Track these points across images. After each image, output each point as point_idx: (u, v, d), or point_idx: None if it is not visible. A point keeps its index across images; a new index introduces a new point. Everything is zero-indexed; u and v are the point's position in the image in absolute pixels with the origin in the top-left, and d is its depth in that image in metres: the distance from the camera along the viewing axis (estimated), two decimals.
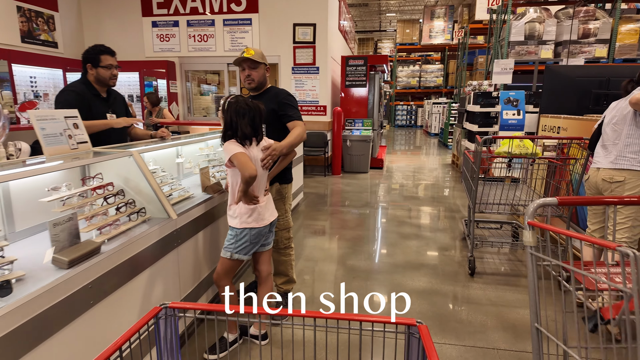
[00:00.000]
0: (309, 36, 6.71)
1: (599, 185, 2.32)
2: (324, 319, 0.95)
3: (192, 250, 2.14)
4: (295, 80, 6.94)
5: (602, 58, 7.55)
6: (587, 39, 7.75)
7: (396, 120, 17.49)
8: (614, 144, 2.29)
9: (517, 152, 2.68)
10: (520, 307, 2.53)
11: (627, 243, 2.18)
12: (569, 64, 7.24)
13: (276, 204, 2.30)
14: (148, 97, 5.32)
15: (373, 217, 4.52)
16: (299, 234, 3.95)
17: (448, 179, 6.66)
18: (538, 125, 4.07)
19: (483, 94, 6.25)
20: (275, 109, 2.24)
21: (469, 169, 3.38)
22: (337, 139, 6.94)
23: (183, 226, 2.01)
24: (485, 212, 3.04)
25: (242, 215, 1.90)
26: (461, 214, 4.61)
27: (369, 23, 23.38)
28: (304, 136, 2.19)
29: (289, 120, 2.24)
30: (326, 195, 5.56)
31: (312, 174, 7.09)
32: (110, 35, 7.27)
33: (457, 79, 13.14)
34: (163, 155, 2.57)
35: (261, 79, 2.25)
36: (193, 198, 2.30)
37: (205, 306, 1.05)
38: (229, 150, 1.79)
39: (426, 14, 15.09)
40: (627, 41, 7.76)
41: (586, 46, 7.78)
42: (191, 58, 7.34)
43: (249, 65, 2.21)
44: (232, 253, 1.92)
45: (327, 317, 0.94)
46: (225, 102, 1.85)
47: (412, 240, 3.77)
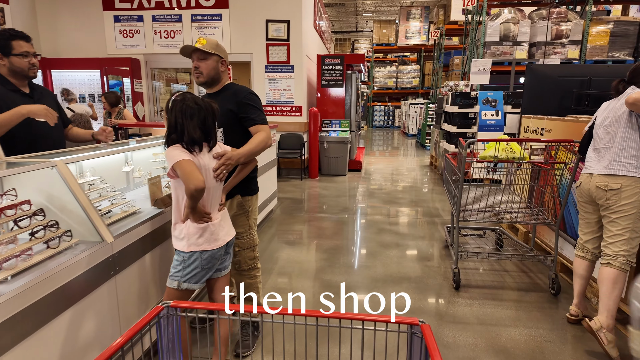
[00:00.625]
0: (283, 33, 6.41)
1: (593, 193, 2.14)
2: (326, 318, 0.95)
3: (137, 278, 1.81)
4: (269, 79, 6.62)
5: (575, 59, 7.63)
6: (559, 40, 7.83)
7: (374, 120, 17.40)
8: (607, 148, 2.11)
9: (504, 156, 2.48)
10: (510, 326, 2.32)
11: (626, 257, 2.00)
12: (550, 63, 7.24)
13: (238, 219, 1.99)
14: (106, 96, 4.88)
15: (351, 223, 4.27)
16: (272, 244, 3.65)
17: (427, 181, 6.51)
18: (520, 126, 3.93)
19: (461, 94, 6.12)
20: (234, 110, 1.92)
21: (450, 172, 3.18)
22: (314, 140, 6.67)
23: (123, 250, 1.68)
24: (469, 221, 2.84)
25: (191, 235, 1.58)
26: (442, 219, 4.43)
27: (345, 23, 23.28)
28: (268, 143, 1.89)
29: (251, 124, 1.93)
30: (302, 201, 5.27)
31: (288, 178, 6.78)
32: (68, 30, 6.72)
33: (434, 79, 13.14)
34: (107, 163, 2.21)
35: (212, 72, 1.93)
36: (140, 214, 1.96)
37: (206, 305, 1.04)
38: (172, 156, 1.48)
39: (402, 14, 15.05)
40: (597, 43, 7.87)
41: (559, 47, 7.88)
42: (157, 55, 6.89)
43: (198, 56, 1.90)
44: (180, 282, 1.59)
45: (329, 317, 0.95)
46: (169, 100, 1.54)
47: (393, 249, 3.53)
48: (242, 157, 1.76)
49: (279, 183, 6.31)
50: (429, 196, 5.51)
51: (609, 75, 3.84)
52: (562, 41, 7.77)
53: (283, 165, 6.90)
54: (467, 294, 2.69)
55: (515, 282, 2.85)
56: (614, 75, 3.92)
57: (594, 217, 2.21)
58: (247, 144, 1.81)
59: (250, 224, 2.04)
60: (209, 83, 1.96)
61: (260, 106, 1.99)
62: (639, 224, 2.00)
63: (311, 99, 7.52)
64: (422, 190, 5.85)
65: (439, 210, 4.78)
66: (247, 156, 1.79)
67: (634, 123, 2.01)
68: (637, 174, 1.99)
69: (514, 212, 2.87)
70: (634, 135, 2.01)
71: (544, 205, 3.16)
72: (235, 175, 1.87)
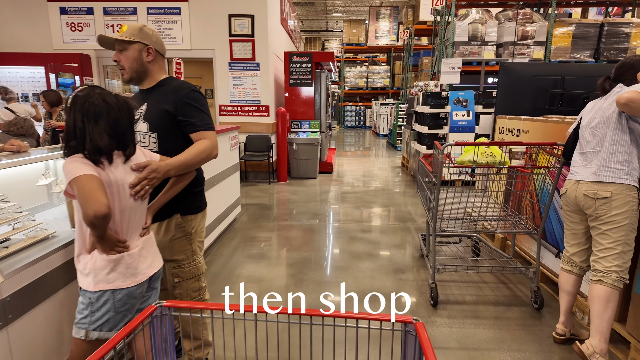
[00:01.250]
0: (247, 29, 6.03)
1: (580, 202, 1.95)
2: (320, 317, 0.97)
3: (43, 325, 1.43)
4: (233, 77, 6.23)
5: (540, 60, 7.74)
6: (525, 41, 7.94)
7: (345, 121, 17.24)
8: (594, 152, 1.92)
9: (483, 160, 2.27)
10: (494, 349, 2.10)
11: (618, 273, 1.81)
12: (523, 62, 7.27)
13: (177, 243, 1.64)
14: (45, 95, 4.34)
15: (322, 231, 3.98)
16: (233, 259, 3.30)
17: (399, 183, 6.33)
18: (494, 127, 3.78)
19: (432, 94, 5.98)
20: (171, 111, 1.55)
21: (424, 176, 2.96)
22: (282, 142, 6.33)
23: (19, 291, 1.30)
24: (447, 230, 2.62)
25: (99, 270, 1.22)
26: (416, 224, 4.22)
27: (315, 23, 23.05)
28: (211, 153, 1.54)
29: (192, 130, 1.56)
30: (270, 207, 4.93)
31: (255, 182, 6.42)
32: (9, 22, 6.05)
33: (404, 80, 13.12)
34: (18, 175, 1.81)
35: (134, 65, 1.57)
36: (53, 239, 1.58)
37: (200, 305, 1.02)
38: (69, 170, 1.13)
39: (371, 14, 14.97)
40: (560, 44, 8.02)
41: (525, 48, 7.98)
42: (110, 51, 6.33)
43: (118, 48, 1.56)
44: (88, 331, 1.23)
45: (325, 316, 0.96)
46: (68, 97, 1.18)
47: (365, 261, 3.27)
48: (172, 169, 1.41)
49: (245, 188, 5.93)
50: (401, 199, 5.31)
51: (582, 75, 3.76)
52: (528, 42, 7.89)
53: (250, 168, 6.52)
54: (446, 312, 2.46)
55: (495, 295, 2.66)
56: (586, 75, 3.87)
57: (581, 228, 2.02)
58: (182, 153, 1.47)
59: (193, 249, 1.69)
60: (137, 79, 1.61)
61: (205, 107, 1.62)
62: (632, 236, 1.82)
63: (279, 98, 7.19)
64: (394, 193, 5.66)
65: (411, 214, 4.58)
66: (178, 169, 1.44)
67: (624, 125, 1.83)
68: (629, 181, 1.81)
69: (492, 219, 2.67)
70: (624, 138, 1.83)
71: (522, 211, 3.00)
72: (165, 191, 1.51)
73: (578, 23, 7.89)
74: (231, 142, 3.86)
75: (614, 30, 7.86)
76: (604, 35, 7.85)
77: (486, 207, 2.77)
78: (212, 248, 3.51)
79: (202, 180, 1.74)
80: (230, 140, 3.84)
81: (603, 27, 7.75)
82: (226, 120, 6.36)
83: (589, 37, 7.97)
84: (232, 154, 3.92)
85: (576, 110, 3.87)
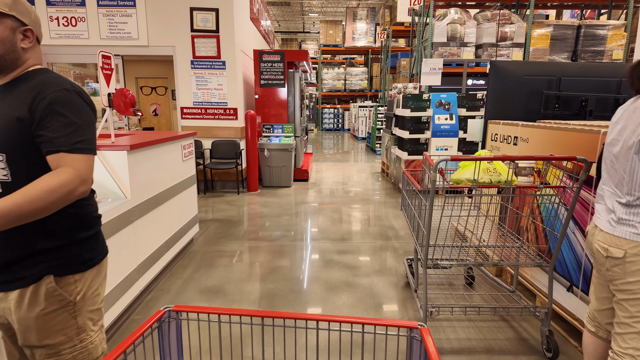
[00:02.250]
0: (211, 23, 5.45)
1: (594, 253, 1.47)
2: (326, 322, 0.95)
3: None
4: (197, 77, 5.63)
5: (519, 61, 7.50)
6: (504, 42, 7.75)
7: (324, 123, 16.78)
8: (613, 193, 1.40)
9: (486, 179, 1.81)
10: None
11: (634, 356, 1.34)
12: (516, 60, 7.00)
13: (52, 320, 1.08)
14: None
15: (293, 255, 3.46)
16: (183, 296, 2.73)
17: (379, 192, 5.88)
18: (485, 134, 3.37)
19: (414, 96, 5.57)
20: (25, 120, 1.02)
21: (410, 192, 2.50)
22: (252, 148, 5.78)
23: None
24: (441, 260, 2.15)
25: None
26: (400, 243, 3.76)
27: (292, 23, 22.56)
28: (72, 192, 0.98)
29: (50, 150, 1.02)
30: (235, 223, 4.37)
31: (222, 192, 5.83)
32: None
33: (382, 82, 12.80)
34: None
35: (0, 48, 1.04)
36: None
37: (209, 309, 1.00)
38: None
39: (348, 15, 14.61)
40: (539, 45, 7.85)
41: (504, 49, 7.79)
42: (56, 47, 5.61)
43: None
44: None
45: (331, 320, 0.94)
46: None
47: (342, 293, 2.77)
48: None
49: (209, 199, 5.34)
50: (382, 211, 4.86)
51: (579, 75, 3.41)
52: (507, 43, 7.70)
53: (217, 177, 5.93)
54: None
55: (498, 339, 2.21)
56: (585, 75, 3.52)
57: (606, 282, 1.52)
58: (14, 192, 0.92)
59: (81, 325, 1.13)
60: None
61: (79, 116, 1.06)
62: None
63: (249, 100, 6.62)
64: (375, 203, 5.20)
65: (395, 230, 4.12)
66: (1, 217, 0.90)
67: None
68: None
69: (494, 247, 2.22)
70: None
71: (523, 235, 2.57)
72: None
73: (556, 25, 7.74)
74: (184, 152, 3.29)
75: (590, 33, 7.75)
76: (581, 37, 7.72)
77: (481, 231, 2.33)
78: (157, 282, 2.92)
79: (94, 221, 1.18)
80: (183, 150, 3.27)
81: (580, 29, 7.63)
82: (189, 124, 5.75)
83: (566, 39, 7.84)
84: (185, 166, 3.34)
85: (573, 114, 3.53)
